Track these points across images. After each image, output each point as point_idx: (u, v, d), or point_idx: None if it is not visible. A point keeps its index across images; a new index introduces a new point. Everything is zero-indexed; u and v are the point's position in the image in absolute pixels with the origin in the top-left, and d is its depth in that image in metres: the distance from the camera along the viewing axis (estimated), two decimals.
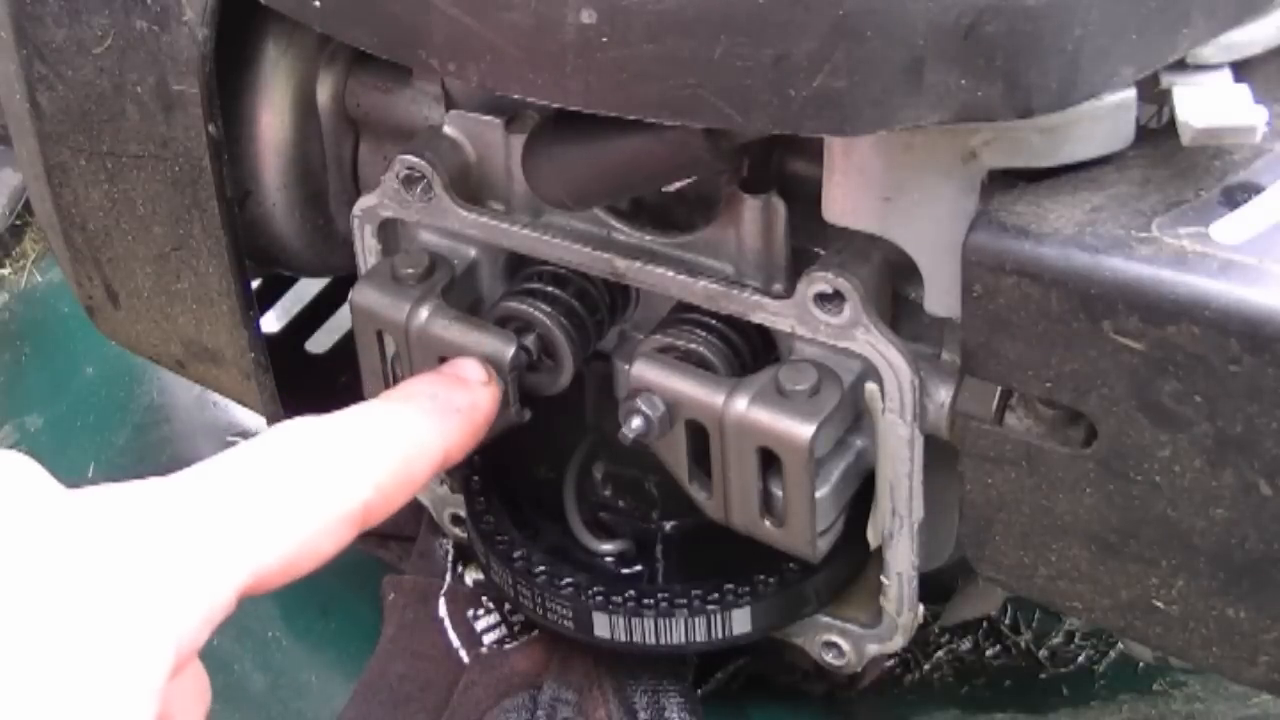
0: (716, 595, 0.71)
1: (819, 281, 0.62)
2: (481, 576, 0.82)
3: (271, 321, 0.92)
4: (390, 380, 0.73)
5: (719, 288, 0.65)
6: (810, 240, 0.65)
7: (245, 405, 0.82)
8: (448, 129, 0.71)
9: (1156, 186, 0.55)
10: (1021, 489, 0.58)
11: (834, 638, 0.73)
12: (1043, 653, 0.87)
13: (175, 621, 0.48)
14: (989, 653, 0.88)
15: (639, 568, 0.75)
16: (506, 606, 0.81)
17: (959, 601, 0.82)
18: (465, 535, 0.81)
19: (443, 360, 0.69)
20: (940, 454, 0.64)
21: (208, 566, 0.50)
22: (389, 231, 0.73)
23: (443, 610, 0.81)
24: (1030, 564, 0.60)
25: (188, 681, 0.54)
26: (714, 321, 0.67)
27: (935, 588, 0.77)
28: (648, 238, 0.68)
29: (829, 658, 0.74)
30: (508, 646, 0.79)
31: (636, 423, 0.65)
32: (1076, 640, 0.88)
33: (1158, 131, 0.57)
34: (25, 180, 0.83)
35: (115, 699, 0.45)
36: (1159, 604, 0.57)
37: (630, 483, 0.78)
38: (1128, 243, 0.52)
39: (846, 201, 0.60)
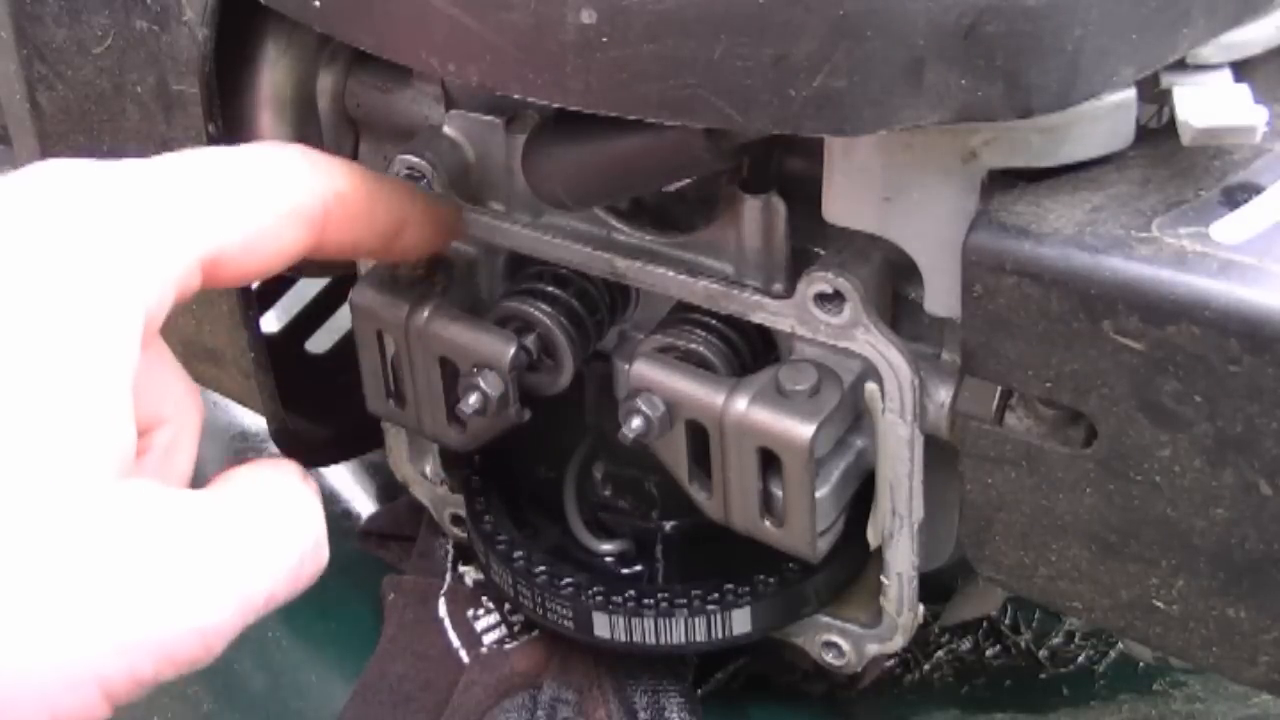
0: (716, 595, 0.71)
1: (819, 281, 0.62)
2: (481, 576, 0.82)
3: (271, 321, 0.92)
4: (390, 380, 0.73)
5: (719, 288, 0.65)
6: (810, 240, 0.65)
7: (245, 405, 0.82)
8: (448, 129, 0.71)
9: (1156, 186, 0.55)
10: (1021, 489, 0.58)
11: (834, 638, 0.73)
12: (1043, 653, 0.87)
13: (141, 285, 0.47)
14: (989, 653, 0.88)
15: (639, 568, 0.75)
16: (506, 606, 0.81)
17: (959, 601, 0.82)
18: (465, 535, 0.81)
19: (444, 361, 0.69)
20: (940, 454, 0.64)
21: (170, 231, 0.49)
22: None
23: (443, 610, 0.81)
24: (1030, 564, 0.60)
25: (175, 386, 0.54)
26: (714, 321, 0.67)
27: (935, 588, 0.77)
28: (648, 238, 0.68)
29: (829, 658, 0.74)
30: (508, 646, 0.79)
31: (636, 423, 0.65)
32: (1076, 640, 0.88)
33: (1158, 131, 0.57)
34: None
35: (84, 360, 0.44)
36: (1159, 604, 0.57)
37: (630, 483, 0.78)
38: (1128, 243, 0.52)
39: (846, 201, 0.60)
